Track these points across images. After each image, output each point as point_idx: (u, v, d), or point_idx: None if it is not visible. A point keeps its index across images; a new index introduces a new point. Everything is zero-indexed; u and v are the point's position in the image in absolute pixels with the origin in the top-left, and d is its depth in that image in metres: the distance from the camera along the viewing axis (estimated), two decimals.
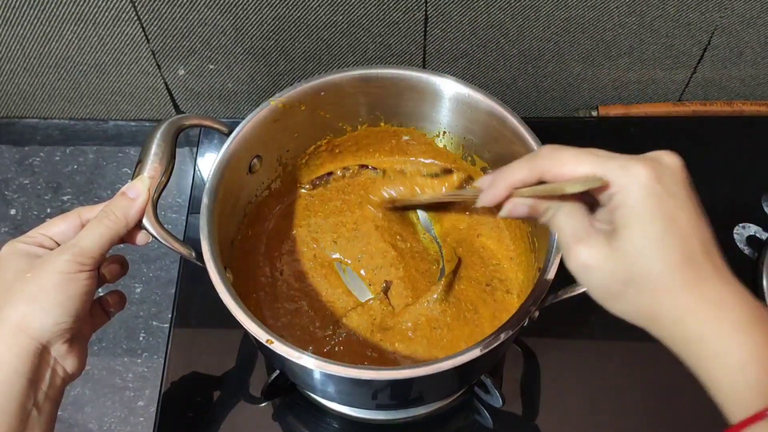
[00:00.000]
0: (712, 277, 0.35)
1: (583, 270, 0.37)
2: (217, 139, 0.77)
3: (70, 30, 0.69)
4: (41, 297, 0.43)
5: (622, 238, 0.35)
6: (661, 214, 0.35)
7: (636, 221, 0.35)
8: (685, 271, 0.35)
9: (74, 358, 0.46)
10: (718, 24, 0.70)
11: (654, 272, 0.35)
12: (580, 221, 0.37)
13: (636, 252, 0.35)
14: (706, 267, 0.35)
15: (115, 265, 0.51)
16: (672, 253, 0.35)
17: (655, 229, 0.35)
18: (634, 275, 0.35)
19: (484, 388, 0.58)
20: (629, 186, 0.35)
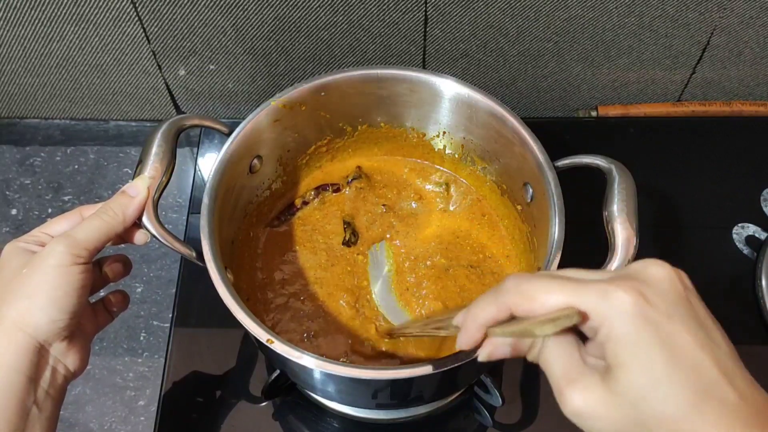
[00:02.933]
0: (738, 405, 0.29)
1: (579, 418, 0.31)
2: (218, 139, 0.77)
3: (71, 30, 0.69)
4: (36, 294, 0.43)
5: (620, 379, 0.30)
6: (660, 344, 0.29)
7: (631, 358, 0.30)
8: (704, 408, 0.29)
9: (75, 356, 0.46)
10: (717, 24, 0.70)
11: (667, 416, 0.29)
12: (570, 358, 0.32)
13: (639, 396, 0.30)
14: (728, 396, 0.29)
15: (118, 264, 0.51)
16: (683, 391, 0.29)
17: (656, 363, 0.29)
18: (643, 422, 0.30)
19: (484, 387, 0.58)
20: (613, 317, 0.30)
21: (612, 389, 0.30)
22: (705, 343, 0.30)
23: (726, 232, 0.71)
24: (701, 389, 0.29)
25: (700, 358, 0.30)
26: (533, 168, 0.54)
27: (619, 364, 0.30)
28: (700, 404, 0.29)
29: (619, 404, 0.30)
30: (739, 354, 0.31)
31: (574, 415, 0.32)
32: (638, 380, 0.30)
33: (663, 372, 0.29)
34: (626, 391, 0.30)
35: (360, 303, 0.60)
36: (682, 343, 0.30)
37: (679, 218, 0.72)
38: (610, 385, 0.30)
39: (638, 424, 0.30)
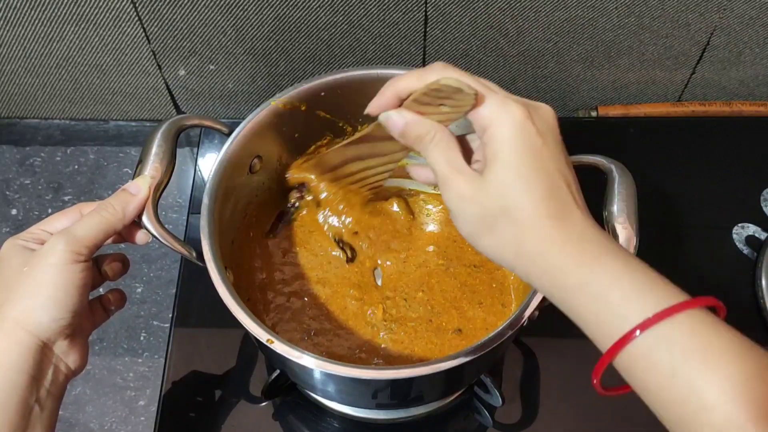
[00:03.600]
0: (575, 212, 0.37)
1: (458, 201, 0.38)
2: (218, 139, 0.77)
3: (71, 30, 0.69)
4: (38, 293, 0.43)
5: (493, 170, 0.37)
6: (530, 151, 0.36)
7: (506, 155, 0.36)
8: (549, 205, 0.36)
9: (76, 354, 0.46)
10: (717, 24, 0.70)
11: (520, 204, 0.36)
12: (456, 153, 0.39)
13: (504, 184, 0.36)
14: (569, 203, 0.37)
15: (117, 263, 0.51)
16: (538, 188, 0.36)
17: (523, 163, 0.36)
18: (503, 207, 0.36)
19: (484, 387, 0.58)
20: (503, 121, 0.37)
21: (487, 179, 0.37)
22: (562, 165, 0.38)
23: (726, 232, 0.71)
24: (551, 191, 0.36)
25: (555, 171, 0.37)
26: None
27: (495, 158, 0.37)
28: (547, 200, 0.36)
29: (488, 191, 0.37)
30: None
31: (456, 197, 0.38)
32: (507, 172, 0.36)
33: (526, 170, 0.36)
34: (497, 180, 0.36)
35: (368, 295, 0.60)
36: (545, 155, 0.37)
37: (679, 218, 0.72)
38: (485, 175, 0.37)
39: (500, 209, 0.36)
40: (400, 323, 0.59)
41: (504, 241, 0.37)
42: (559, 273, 0.36)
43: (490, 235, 0.37)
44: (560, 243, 0.36)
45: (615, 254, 0.36)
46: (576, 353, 0.63)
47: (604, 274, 0.35)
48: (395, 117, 0.41)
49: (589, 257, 0.36)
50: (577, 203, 0.37)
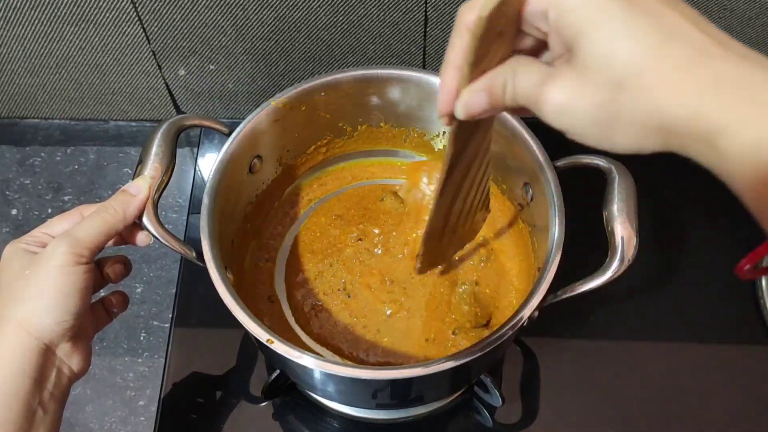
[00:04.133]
0: (711, 47, 0.27)
1: (563, 113, 0.30)
2: (218, 139, 0.77)
3: (71, 30, 0.69)
4: (41, 296, 0.43)
5: (583, 50, 0.29)
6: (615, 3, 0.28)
7: (587, 22, 0.28)
8: (672, 49, 0.27)
9: (79, 357, 0.46)
10: (717, 25, 0.70)
11: (635, 66, 0.27)
12: (538, 69, 0.31)
13: (605, 57, 0.28)
14: (698, 38, 0.28)
15: (119, 265, 0.51)
16: (645, 37, 0.28)
17: (615, 18, 0.28)
18: (616, 83, 0.28)
19: (484, 387, 0.58)
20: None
21: (580, 66, 0.29)
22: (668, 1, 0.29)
23: (726, 232, 0.71)
24: (666, 33, 0.28)
25: (661, 8, 0.28)
26: (533, 168, 0.54)
27: (578, 35, 0.29)
28: (666, 46, 0.27)
29: (590, 77, 0.29)
30: (739, 354, 0.32)
31: (557, 111, 0.30)
32: (600, 41, 0.28)
33: (622, 24, 0.28)
34: (592, 59, 0.28)
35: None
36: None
37: (679, 218, 0.72)
38: (576, 64, 0.29)
39: (613, 99, 0.28)
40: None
41: (640, 124, 0.28)
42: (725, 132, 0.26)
43: (620, 125, 0.29)
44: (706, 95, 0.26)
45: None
46: (576, 353, 0.64)
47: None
48: (470, 98, 0.33)
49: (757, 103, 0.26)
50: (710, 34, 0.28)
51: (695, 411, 0.61)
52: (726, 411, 0.61)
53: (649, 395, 0.61)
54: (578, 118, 0.30)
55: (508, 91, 0.32)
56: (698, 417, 0.61)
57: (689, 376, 0.62)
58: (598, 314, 0.66)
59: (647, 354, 0.64)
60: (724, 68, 0.27)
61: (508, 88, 0.32)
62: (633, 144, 0.29)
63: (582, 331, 0.65)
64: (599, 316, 0.65)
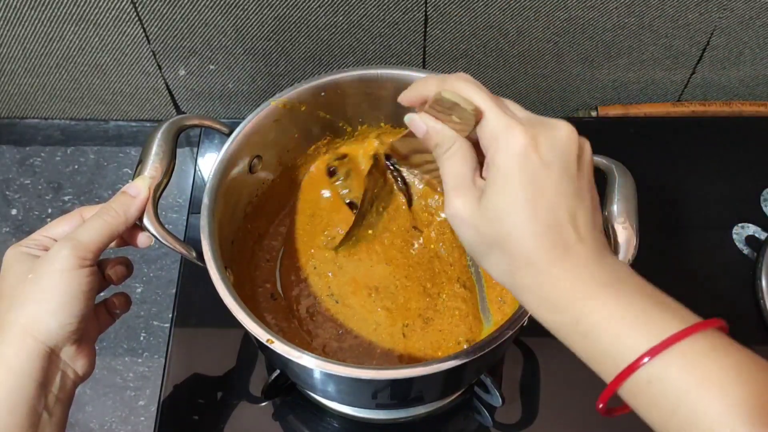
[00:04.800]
0: (574, 247, 0.35)
1: (453, 220, 0.37)
2: (218, 139, 0.77)
3: (71, 30, 0.69)
4: (44, 299, 0.43)
5: (489, 197, 0.36)
6: (529, 183, 0.35)
7: (502, 184, 0.35)
8: (545, 240, 0.34)
9: (83, 360, 0.46)
10: (717, 24, 0.70)
11: (514, 238, 0.35)
12: (464, 171, 0.38)
13: (498, 215, 0.35)
14: (569, 238, 0.35)
15: (121, 266, 0.51)
16: (534, 222, 0.34)
17: (520, 195, 0.34)
18: (497, 237, 0.35)
19: (484, 387, 0.58)
20: (503, 146, 0.35)
21: (482, 204, 0.36)
22: (567, 195, 0.35)
23: (726, 232, 0.71)
24: (549, 226, 0.34)
25: (558, 204, 0.35)
26: None
27: (493, 186, 0.35)
28: (543, 236, 0.34)
29: (484, 217, 0.36)
30: None
31: (453, 217, 0.37)
32: (501, 202, 0.35)
33: (522, 203, 0.34)
34: (491, 209, 0.35)
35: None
36: (546, 187, 0.35)
37: (679, 218, 0.72)
38: (483, 201, 0.36)
39: (494, 239, 0.35)
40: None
41: (500, 269, 0.36)
42: (554, 308, 0.35)
43: (486, 258, 0.37)
44: (554, 279, 0.34)
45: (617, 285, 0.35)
46: None
47: (603, 307, 0.34)
48: (417, 120, 0.40)
49: (584, 293, 0.34)
50: (581, 236, 0.35)
51: None
52: None
53: None
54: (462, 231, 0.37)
55: (439, 151, 0.39)
56: None
57: None
58: None
59: None
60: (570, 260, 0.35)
61: (439, 151, 0.39)
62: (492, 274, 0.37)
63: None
64: None
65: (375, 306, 0.60)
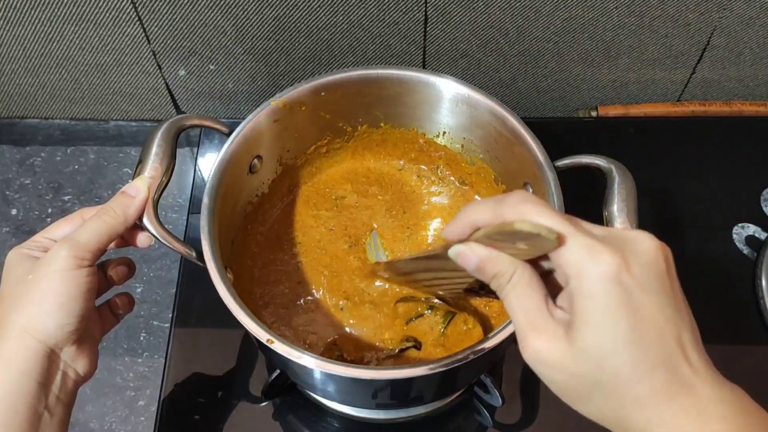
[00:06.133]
0: (691, 382, 0.31)
1: (539, 365, 0.33)
2: (218, 139, 0.77)
3: (71, 30, 0.69)
4: (44, 300, 0.43)
5: (583, 335, 0.31)
6: (628, 311, 0.30)
7: (598, 317, 0.31)
8: (656, 377, 0.30)
9: (85, 360, 0.46)
10: (717, 24, 0.70)
11: (621, 378, 0.31)
12: (536, 304, 0.33)
13: (599, 354, 0.31)
14: (683, 371, 0.31)
15: (122, 266, 0.51)
16: (642, 357, 0.30)
17: (621, 327, 0.30)
18: (597, 381, 0.31)
19: (484, 387, 0.58)
20: (592, 273, 0.31)
21: (574, 343, 0.31)
22: (670, 317, 0.31)
23: (726, 232, 0.71)
24: (658, 359, 0.30)
25: (663, 330, 0.31)
26: (533, 168, 0.54)
27: (586, 321, 0.31)
28: (652, 372, 0.30)
29: (579, 358, 0.31)
30: (739, 354, 0.32)
31: (536, 362, 0.33)
32: (602, 340, 0.31)
33: (626, 336, 0.30)
34: (588, 348, 0.31)
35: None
36: (648, 313, 0.31)
37: (679, 218, 0.72)
38: (573, 338, 0.31)
39: (594, 381, 0.31)
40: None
41: (603, 413, 0.32)
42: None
43: (584, 403, 0.33)
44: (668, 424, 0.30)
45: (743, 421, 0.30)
46: None
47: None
48: (467, 253, 0.35)
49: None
50: (693, 366, 0.31)
51: None
52: None
53: None
54: (551, 375, 0.33)
55: (501, 281, 0.34)
56: None
57: None
58: None
59: None
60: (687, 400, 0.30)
61: (502, 280, 0.34)
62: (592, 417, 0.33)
63: None
64: None
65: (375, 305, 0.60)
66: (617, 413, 0.31)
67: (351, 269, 0.62)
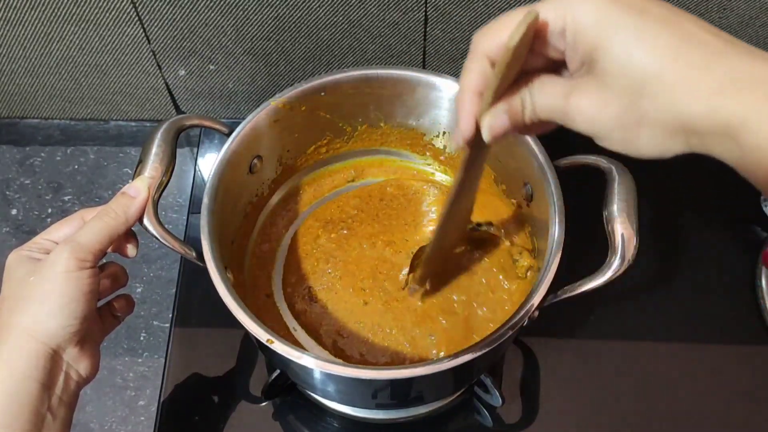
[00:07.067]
0: (724, 47, 0.28)
1: (591, 121, 0.31)
2: (218, 139, 0.77)
3: (71, 30, 0.69)
4: (46, 301, 0.43)
5: (602, 63, 0.30)
6: (627, 12, 0.29)
7: (603, 35, 0.30)
8: (687, 53, 0.28)
9: (87, 361, 0.46)
10: (717, 24, 0.70)
11: (652, 70, 0.29)
12: (559, 84, 0.33)
13: (623, 65, 0.29)
14: (710, 40, 0.29)
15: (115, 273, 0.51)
16: (660, 40, 0.29)
17: (628, 29, 0.29)
18: (636, 88, 0.29)
19: (484, 387, 0.58)
20: (573, 5, 0.30)
21: (600, 76, 0.30)
22: (673, 8, 0.30)
23: (726, 232, 0.71)
24: (677, 36, 0.29)
25: (672, 15, 0.29)
26: (533, 168, 0.54)
27: (596, 50, 0.30)
28: (680, 48, 0.28)
29: (610, 85, 0.30)
30: (739, 354, 0.32)
31: (586, 120, 0.31)
32: (616, 52, 0.29)
33: (635, 32, 0.29)
34: (611, 69, 0.30)
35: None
36: (648, 6, 0.29)
37: (679, 218, 0.72)
38: (597, 74, 0.30)
39: (636, 103, 0.29)
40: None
41: (660, 124, 0.30)
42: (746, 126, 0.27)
43: (641, 128, 0.30)
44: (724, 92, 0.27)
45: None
46: (576, 353, 0.64)
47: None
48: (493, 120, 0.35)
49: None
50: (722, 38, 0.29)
51: (695, 411, 0.61)
52: (726, 411, 0.61)
53: (648, 395, 0.61)
54: (605, 124, 0.31)
55: (527, 109, 0.34)
56: (698, 417, 0.61)
57: (689, 376, 0.62)
58: (598, 314, 0.66)
59: (647, 354, 0.64)
60: (739, 66, 0.28)
61: (527, 106, 0.34)
62: (658, 146, 0.31)
63: (582, 331, 0.65)
64: (599, 316, 0.65)
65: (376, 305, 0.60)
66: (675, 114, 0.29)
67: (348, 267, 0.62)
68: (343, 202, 0.66)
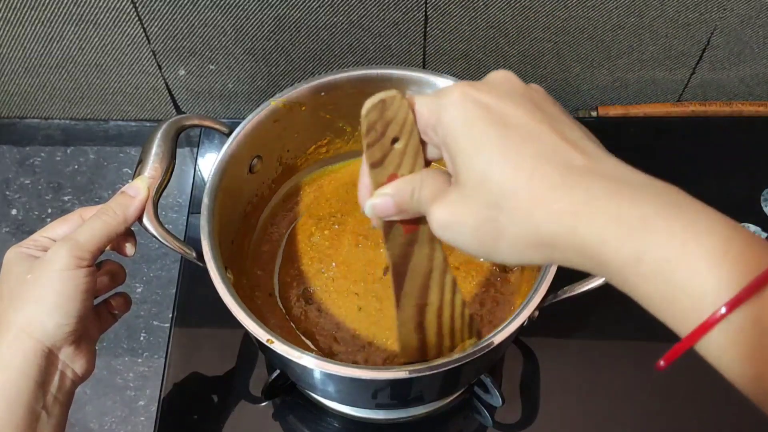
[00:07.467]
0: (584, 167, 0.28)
1: (447, 229, 0.31)
2: (218, 139, 0.77)
3: (71, 30, 0.69)
4: (42, 300, 0.43)
5: (463, 172, 0.29)
6: (491, 121, 0.29)
7: (464, 140, 0.29)
8: (546, 171, 0.28)
9: (82, 360, 0.46)
10: (717, 24, 0.70)
11: (510, 186, 0.28)
12: (435, 184, 0.32)
13: (481, 179, 0.29)
14: (574, 160, 0.28)
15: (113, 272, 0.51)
16: (520, 159, 0.28)
17: (490, 139, 0.28)
18: (493, 203, 0.29)
19: (484, 387, 0.58)
20: (443, 107, 0.30)
21: (461, 185, 0.30)
22: (543, 119, 0.29)
23: None
24: (540, 154, 0.28)
25: (537, 129, 0.29)
26: None
27: (457, 153, 0.29)
28: (540, 168, 0.28)
29: (468, 196, 0.29)
30: None
31: (442, 228, 0.31)
32: (477, 163, 0.29)
33: (497, 146, 0.28)
34: (470, 180, 0.29)
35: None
36: (515, 118, 0.29)
37: None
38: (458, 183, 0.30)
39: (493, 218, 0.29)
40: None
41: (518, 239, 0.29)
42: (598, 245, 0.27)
43: (499, 241, 0.29)
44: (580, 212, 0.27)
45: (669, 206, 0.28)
46: (576, 353, 0.64)
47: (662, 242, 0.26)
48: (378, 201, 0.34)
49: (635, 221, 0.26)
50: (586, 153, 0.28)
51: (695, 411, 0.61)
52: (726, 411, 0.61)
53: (648, 395, 0.61)
54: (461, 234, 0.31)
55: (414, 198, 0.33)
56: (698, 417, 0.61)
57: (689, 376, 0.62)
58: (598, 314, 0.66)
59: (647, 354, 0.63)
60: (595, 187, 0.27)
61: (415, 196, 0.33)
62: (517, 258, 0.30)
63: (582, 331, 0.65)
64: (599, 316, 0.66)
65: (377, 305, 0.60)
66: (531, 229, 0.28)
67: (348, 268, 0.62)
68: (342, 203, 0.66)
